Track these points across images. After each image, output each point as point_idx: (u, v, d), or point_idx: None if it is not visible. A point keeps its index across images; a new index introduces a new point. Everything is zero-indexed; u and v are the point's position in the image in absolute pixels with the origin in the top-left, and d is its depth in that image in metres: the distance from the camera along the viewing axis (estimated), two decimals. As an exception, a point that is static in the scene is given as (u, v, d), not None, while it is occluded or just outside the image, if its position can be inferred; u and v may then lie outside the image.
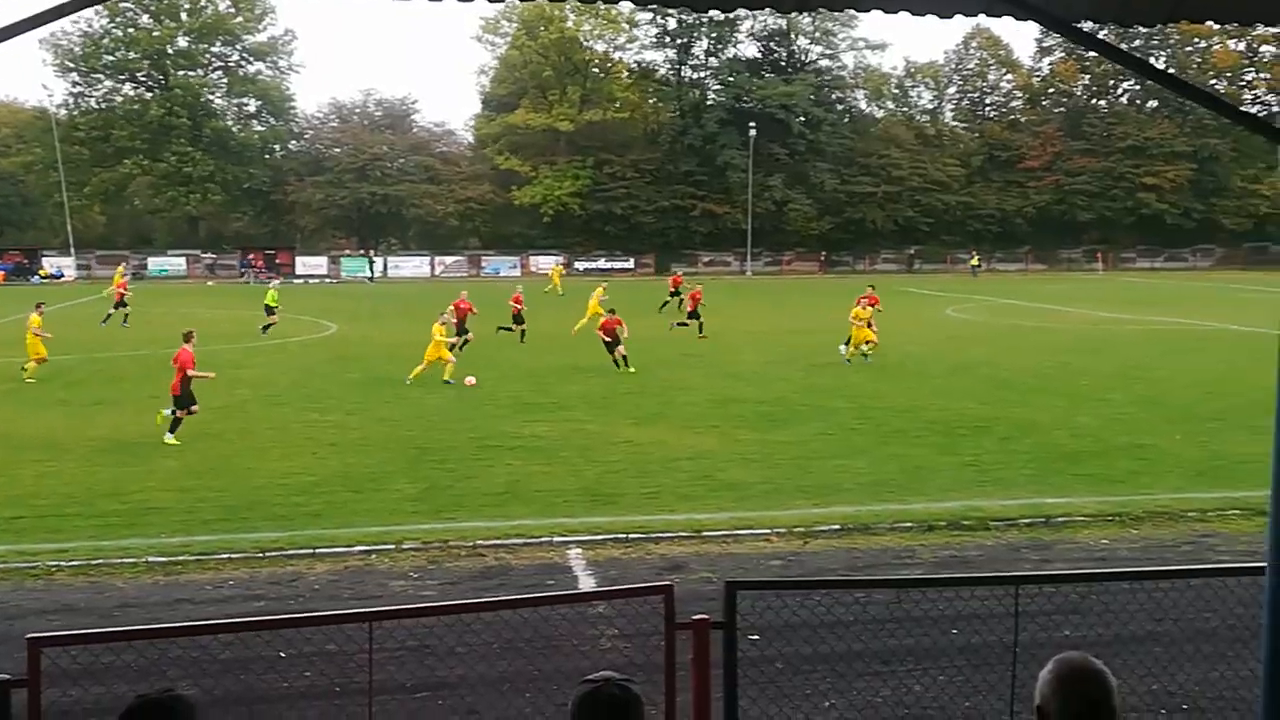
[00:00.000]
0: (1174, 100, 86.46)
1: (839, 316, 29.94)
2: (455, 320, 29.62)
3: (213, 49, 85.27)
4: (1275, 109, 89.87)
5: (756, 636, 8.09)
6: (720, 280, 74.41)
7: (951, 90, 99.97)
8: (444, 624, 7.50)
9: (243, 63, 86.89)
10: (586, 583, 11.48)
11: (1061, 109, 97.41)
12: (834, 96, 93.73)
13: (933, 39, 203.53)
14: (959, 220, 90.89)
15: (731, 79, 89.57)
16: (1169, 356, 29.97)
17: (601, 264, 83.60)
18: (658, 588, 5.64)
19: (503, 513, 14.04)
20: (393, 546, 12.63)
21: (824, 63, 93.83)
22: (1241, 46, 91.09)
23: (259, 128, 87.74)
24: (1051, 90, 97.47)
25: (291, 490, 15.35)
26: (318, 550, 12.49)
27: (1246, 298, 52.81)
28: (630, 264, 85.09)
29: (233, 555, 12.33)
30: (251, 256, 77.53)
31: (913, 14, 4.76)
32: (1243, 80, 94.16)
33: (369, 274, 76.97)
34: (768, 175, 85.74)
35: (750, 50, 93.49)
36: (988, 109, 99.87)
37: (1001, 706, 6.30)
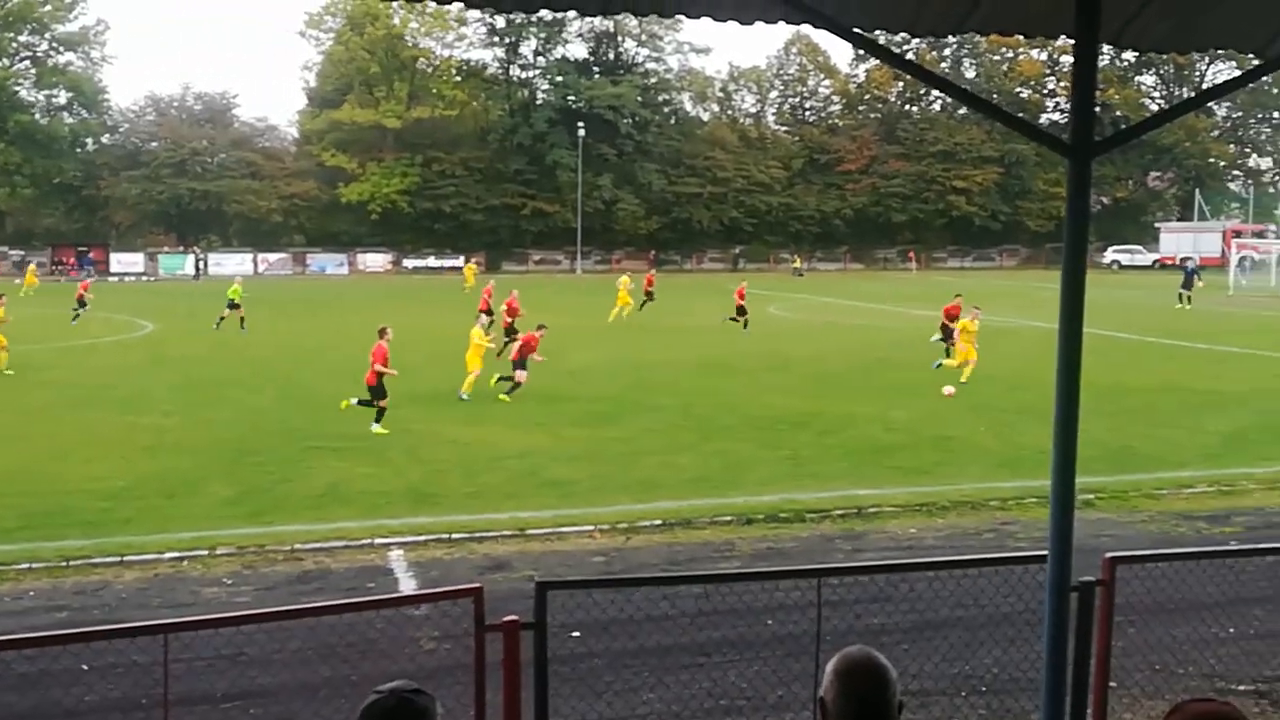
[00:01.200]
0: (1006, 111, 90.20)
1: (665, 315, 30.34)
2: (505, 321, 29.27)
3: (19, 38, 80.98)
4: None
5: (578, 634, 8.14)
6: (551, 278, 74.46)
7: (773, 94, 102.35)
8: (260, 631, 7.35)
9: (51, 53, 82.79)
10: (408, 585, 11.36)
11: (877, 114, 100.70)
12: (661, 98, 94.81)
13: (755, 44, 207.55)
14: (781, 221, 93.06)
15: (560, 79, 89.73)
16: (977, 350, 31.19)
17: (431, 262, 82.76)
18: (467, 590, 5.64)
19: (323, 515, 13.77)
20: (206, 552, 12.25)
21: (651, 65, 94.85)
22: (1044, 57, 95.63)
23: (70, 120, 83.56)
24: (868, 96, 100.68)
25: (100, 496, 14.71)
26: (126, 558, 12.02)
27: (1046, 296, 55.36)
28: (460, 262, 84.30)
29: (34, 565, 11.76)
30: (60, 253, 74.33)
31: (688, 17, 4.88)
32: (1046, 89, 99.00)
33: (194, 272, 74.40)
34: (597, 175, 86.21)
35: (579, 51, 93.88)
36: (808, 113, 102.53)
37: (808, 696, 6.49)
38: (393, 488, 15.29)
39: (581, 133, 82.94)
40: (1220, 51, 5.51)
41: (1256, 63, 5.51)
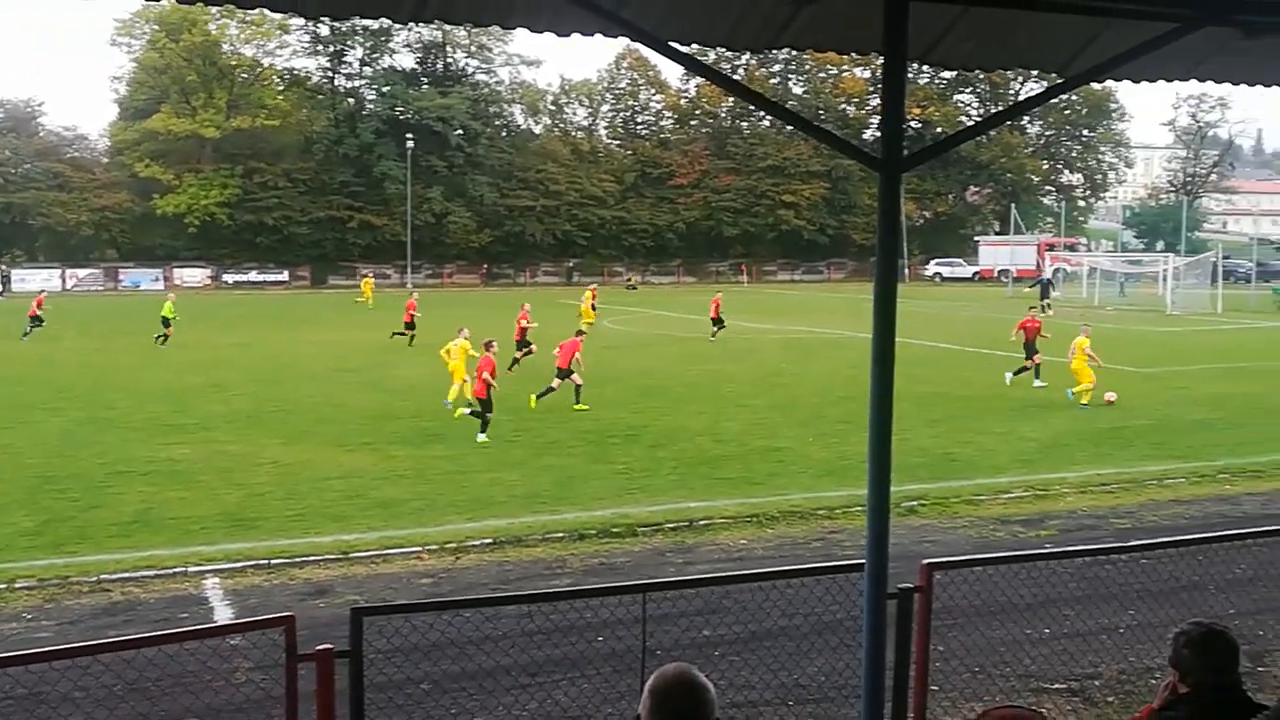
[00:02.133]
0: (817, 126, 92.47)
1: (499, 328, 29.84)
2: (517, 333, 30.13)
3: None
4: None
5: (398, 660, 7.89)
6: (380, 293, 73.03)
7: (605, 108, 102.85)
8: (63, 668, 6.88)
9: None
10: (223, 614, 10.89)
11: (708, 129, 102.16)
12: (491, 110, 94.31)
13: (586, 57, 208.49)
14: (614, 234, 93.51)
15: (388, 89, 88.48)
16: (804, 363, 31.89)
17: (253, 276, 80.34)
18: (278, 619, 5.39)
19: (132, 543, 13.10)
20: (4, 586, 11.53)
21: (481, 76, 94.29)
22: (867, 75, 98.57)
23: None
24: (698, 111, 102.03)
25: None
26: (-86, 597, 11.23)
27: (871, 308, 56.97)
28: (285, 276, 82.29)
29: None
30: None
31: (505, 28, 4.79)
32: (869, 105, 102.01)
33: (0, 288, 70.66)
34: (427, 187, 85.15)
35: (407, 61, 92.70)
36: (640, 127, 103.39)
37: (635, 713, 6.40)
38: (207, 512, 14.66)
39: (410, 144, 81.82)
40: (1033, 71, 5.70)
41: (1059, 81, 5.70)
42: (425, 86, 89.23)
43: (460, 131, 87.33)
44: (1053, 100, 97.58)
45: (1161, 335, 42.38)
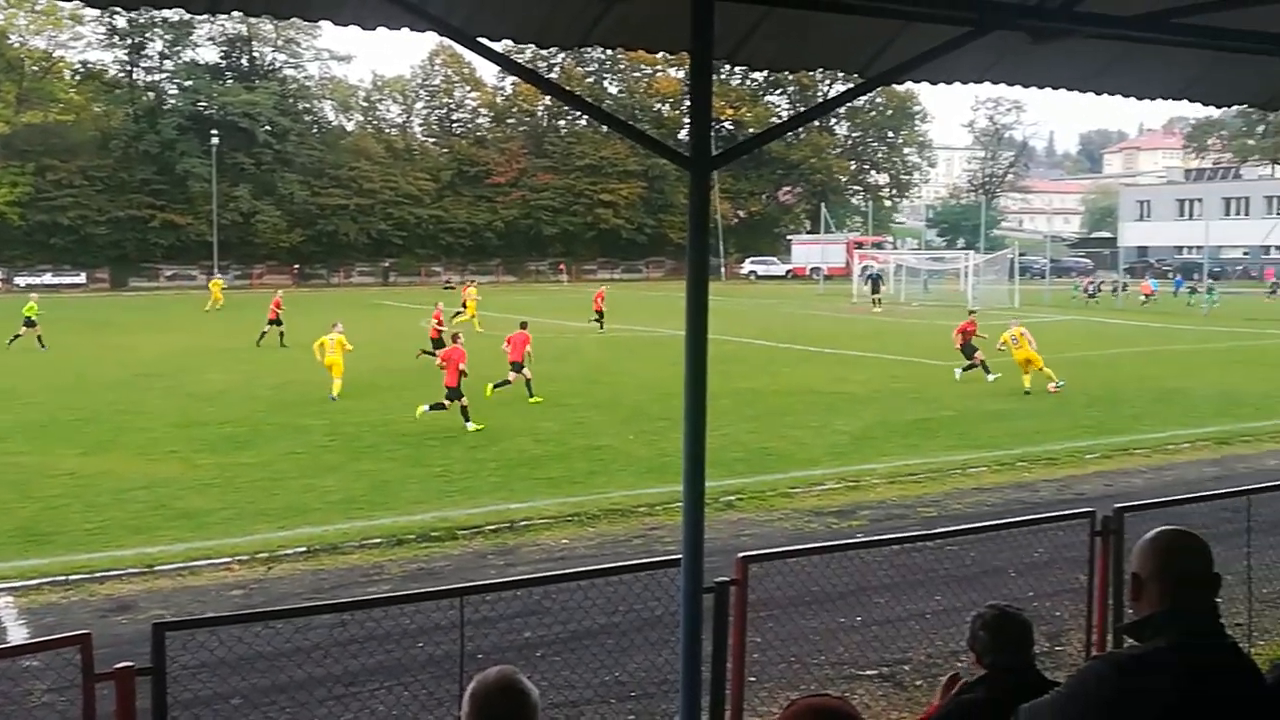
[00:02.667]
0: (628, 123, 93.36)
1: (313, 331, 29.26)
2: (433, 332, 30.98)
3: None
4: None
5: (211, 675, 7.60)
6: (185, 295, 70.47)
7: (420, 105, 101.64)
8: None
9: None
10: (17, 634, 10.27)
11: (525, 128, 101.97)
12: (301, 106, 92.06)
13: (399, 53, 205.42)
14: (432, 234, 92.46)
15: (190, 83, 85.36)
16: (625, 361, 32.09)
17: (48, 279, 76.32)
18: (72, 638, 5.11)
19: (-87, 565, 12.28)
20: None
21: (289, 71, 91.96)
22: (681, 75, 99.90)
23: None
24: (515, 109, 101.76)
25: None
26: None
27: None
28: (82, 279, 78.54)
29: None
30: None
31: (306, 20, 4.66)
32: (684, 106, 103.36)
33: None
34: (233, 185, 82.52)
35: (210, 54, 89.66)
36: (455, 125, 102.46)
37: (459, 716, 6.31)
38: (-1, 528, 13.85)
39: (215, 141, 79.11)
40: (839, 73, 5.85)
41: (860, 81, 5.85)
42: (230, 81, 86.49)
43: (268, 128, 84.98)
44: (858, 101, 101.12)
45: (963, 329, 44.15)
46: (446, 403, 21.05)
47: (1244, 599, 8.49)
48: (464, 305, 44.52)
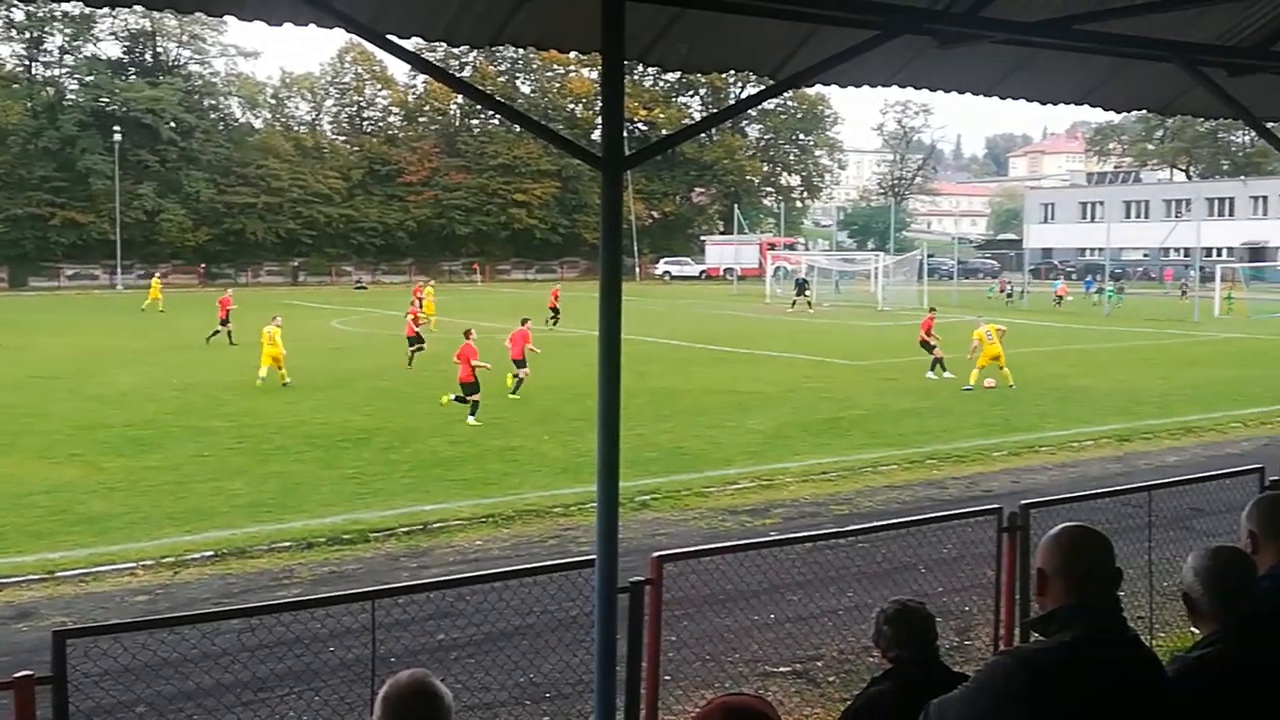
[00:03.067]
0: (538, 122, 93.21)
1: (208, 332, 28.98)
2: (409, 329, 31.40)
3: None
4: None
5: (115, 682, 7.42)
6: (88, 296, 68.82)
7: (329, 103, 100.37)
8: None
9: None
10: (-91, 646, 9.95)
11: (437, 126, 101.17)
12: (207, 103, 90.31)
13: (308, 50, 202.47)
14: (342, 233, 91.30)
15: (92, 79, 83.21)
16: (539, 362, 31.91)
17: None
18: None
19: None
20: None
21: (194, 67, 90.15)
22: (594, 75, 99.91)
23: None
24: (427, 107, 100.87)
25: None
26: None
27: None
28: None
29: None
30: None
31: (209, 14, 4.58)
32: (597, 105, 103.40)
33: None
34: (137, 183, 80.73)
35: (113, 49, 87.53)
36: (366, 123, 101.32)
37: (369, 721, 6.23)
38: (-111, 537, 13.39)
39: (118, 138, 77.30)
40: (751, 75, 5.91)
41: (772, 83, 5.90)
42: (133, 77, 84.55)
43: (172, 125, 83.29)
44: (770, 104, 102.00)
45: (874, 329, 44.84)
46: (466, 397, 21.94)
47: (1145, 592, 8.71)
48: (420, 303, 44.25)
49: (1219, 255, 79.39)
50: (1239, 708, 3.23)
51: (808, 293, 57.67)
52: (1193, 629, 3.54)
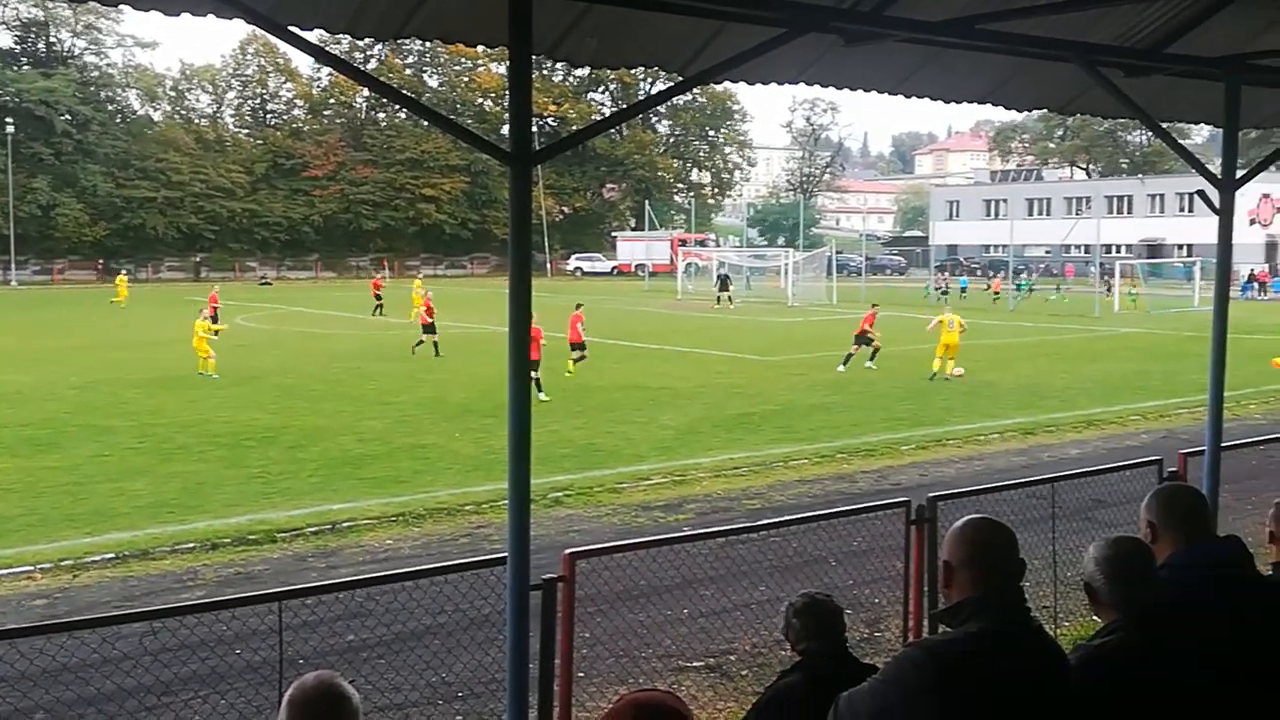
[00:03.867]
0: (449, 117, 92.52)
1: (111, 330, 28.33)
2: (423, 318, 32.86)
3: None
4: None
5: (10, 689, 7.21)
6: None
7: (231, 95, 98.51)
8: None
9: None
10: None
11: (343, 120, 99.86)
12: (104, 95, 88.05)
13: (209, 41, 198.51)
14: (246, 228, 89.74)
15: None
16: (450, 358, 31.73)
17: None
18: None
19: None
20: None
21: (90, 58, 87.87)
22: (503, 70, 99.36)
23: None
24: (332, 101, 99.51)
25: None
26: None
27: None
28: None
29: None
30: None
31: (104, 4, 4.45)
32: (506, 101, 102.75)
33: None
34: (31, 176, 78.53)
35: (3, 40, 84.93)
36: (270, 116, 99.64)
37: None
38: None
39: (10, 130, 75.08)
40: (661, 71, 5.93)
41: (679, 80, 5.91)
42: (26, 67, 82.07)
43: (68, 117, 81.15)
44: (679, 100, 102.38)
45: (784, 325, 45.22)
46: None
47: (1050, 583, 8.88)
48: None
49: (1118, 252, 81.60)
50: (1139, 696, 3.30)
51: (730, 288, 57.98)
52: (1095, 617, 3.62)
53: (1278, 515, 4.08)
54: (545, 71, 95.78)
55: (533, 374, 24.83)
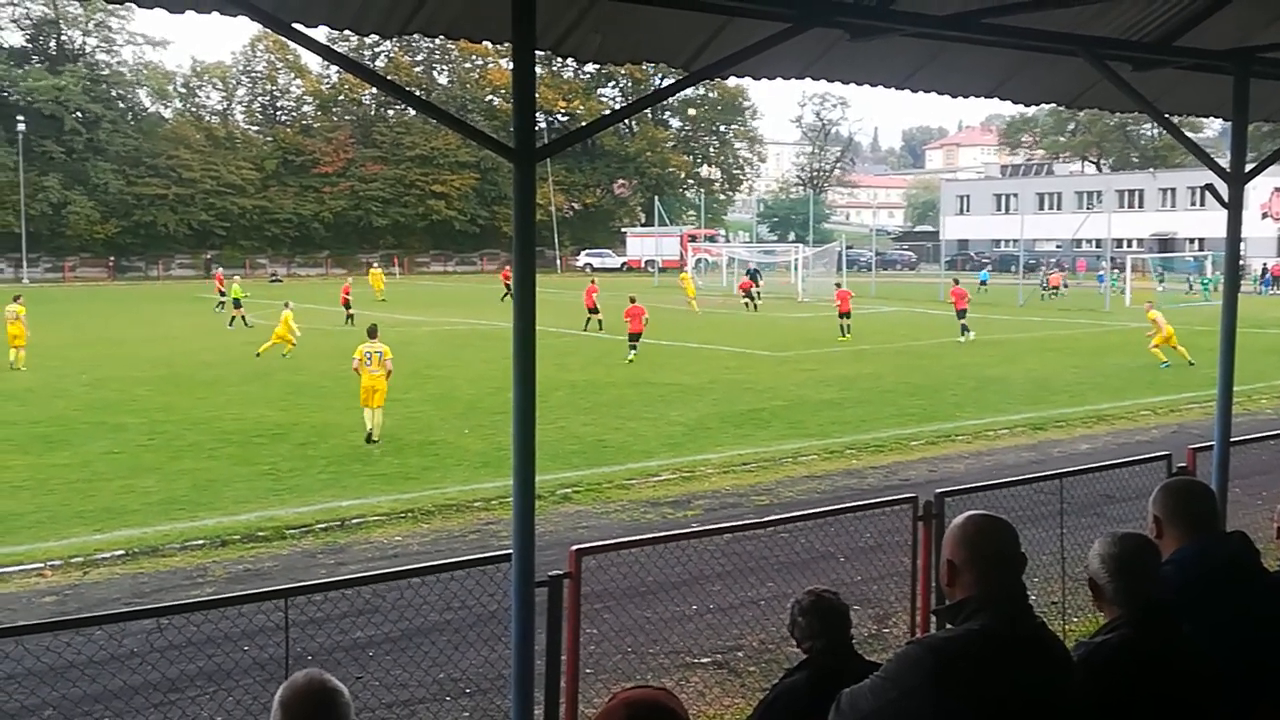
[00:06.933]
0: (458, 114, 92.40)
1: (128, 327, 28.37)
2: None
3: None
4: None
5: (19, 686, 7.24)
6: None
7: (241, 92, 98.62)
8: None
9: None
10: None
11: (352, 116, 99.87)
12: (114, 93, 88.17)
13: (219, 39, 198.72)
14: (256, 224, 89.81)
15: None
16: (459, 355, 31.77)
17: None
18: None
19: None
20: None
21: (101, 56, 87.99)
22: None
23: None
24: (341, 97, 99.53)
25: None
26: None
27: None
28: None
29: None
30: None
31: (109, 1, 4.45)
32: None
33: None
34: (42, 174, 78.65)
35: (14, 38, 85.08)
36: (280, 113, 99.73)
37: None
38: None
39: (21, 128, 75.28)
40: (670, 68, 5.93)
41: (684, 75, 5.90)
42: (36, 66, 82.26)
43: (78, 114, 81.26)
44: (687, 95, 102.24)
45: (794, 321, 45.16)
46: (633, 344, 29.83)
47: (1058, 578, 8.86)
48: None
49: (1129, 246, 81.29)
50: (1141, 692, 3.29)
51: (761, 283, 57.21)
52: (1100, 614, 3.60)
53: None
54: (555, 67, 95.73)
55: (633, 343, 29.93)
